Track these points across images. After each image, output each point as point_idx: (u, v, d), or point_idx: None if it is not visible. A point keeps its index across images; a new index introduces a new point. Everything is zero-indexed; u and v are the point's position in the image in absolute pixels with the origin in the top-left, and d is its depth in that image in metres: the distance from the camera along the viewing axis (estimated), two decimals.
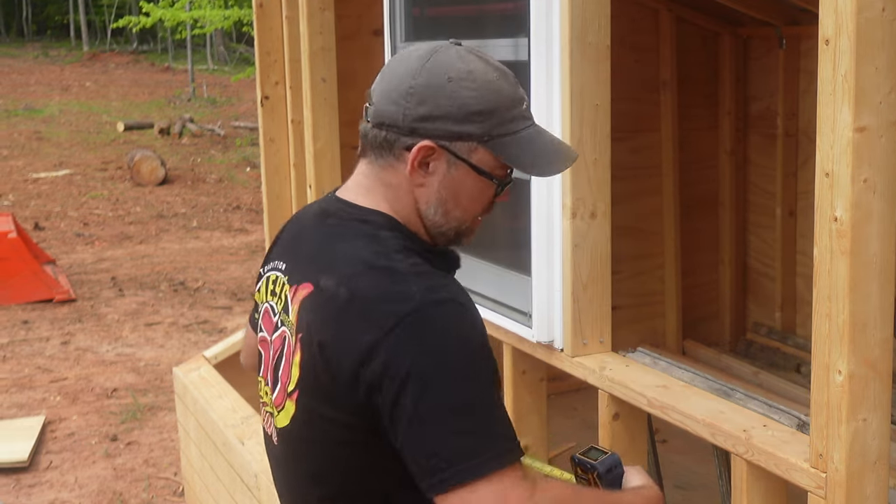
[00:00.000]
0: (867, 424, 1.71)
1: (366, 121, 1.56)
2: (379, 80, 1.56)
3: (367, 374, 1.39)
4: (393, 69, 1.55)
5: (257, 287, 1.76)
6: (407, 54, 1.56)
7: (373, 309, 1.42)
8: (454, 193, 1.54)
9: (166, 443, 5.59)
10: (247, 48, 32.64)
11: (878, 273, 1.69)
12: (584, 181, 2.42)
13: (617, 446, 2.35)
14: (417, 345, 1.38)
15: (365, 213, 1.55)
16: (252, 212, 12.21)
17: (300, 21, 3.86)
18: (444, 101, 1.49)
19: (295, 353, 1.51)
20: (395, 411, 1.38)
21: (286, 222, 1.80)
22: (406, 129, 1.50)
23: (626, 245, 4.00)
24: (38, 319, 8.00)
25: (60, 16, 43.28)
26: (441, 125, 1.49)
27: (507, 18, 2.67)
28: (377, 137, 1.54)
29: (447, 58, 1.51)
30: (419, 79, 1.49)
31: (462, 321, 1.43)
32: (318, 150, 3.86)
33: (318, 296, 1.49)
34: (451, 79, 1.49)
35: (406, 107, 1.50)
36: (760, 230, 4.27)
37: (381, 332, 1.39)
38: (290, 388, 1.52)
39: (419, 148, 1.50)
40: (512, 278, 2.67)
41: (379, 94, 1.53)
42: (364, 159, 1.58)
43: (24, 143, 17.16)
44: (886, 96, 1.64)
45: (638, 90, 4.05)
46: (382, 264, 1.47)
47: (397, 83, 1.51)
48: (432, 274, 1.47)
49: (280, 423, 1.57)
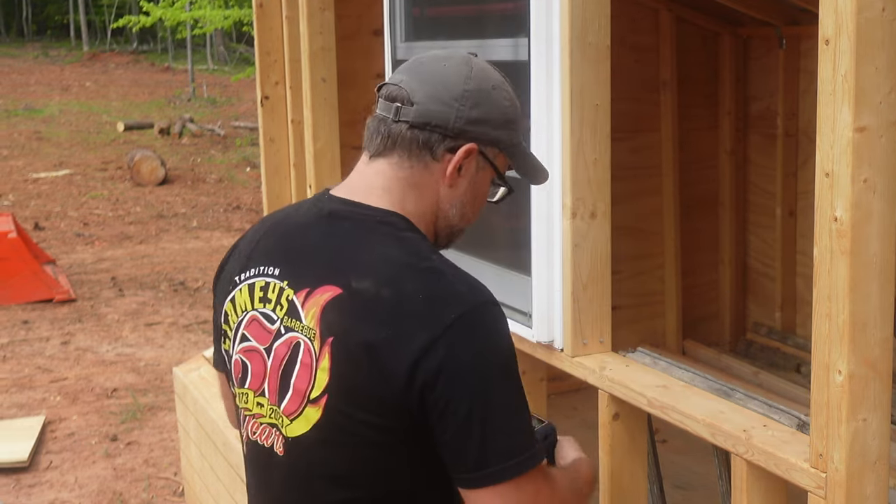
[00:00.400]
0: (867, 424, 1.71)
1: (396, 120, 1.55)
2: (416, 81, 1.55)
3: (422, 372, 1.41)
4: (435, 72, 1.56)
5: (227, 298, 1.67)
6: (441, 58, 1.58)
7: (426, 309, 1.44)
8: (474, 195, 1.62)
9: (166, 443, 5.59)
10: (247, 48, 32.64)
11: (878, 273, 1.69)
12: (584, 181, 2.42)
13: (617, 446, 2.35)
14: (473, 344, 1.43)
15: (382, 215, 1.55)
16: (252, 212, 12.21)
17: (300, 21, 3.86)
18: (492, 107, 1.57)
19: (321, 358, 1.48)
20: (449, 407, 1.42)
21: (255, 229, 1.73)
22: (455, 130, 1.54)
23: (626, 245, 4.00)
24: (38, 319, 8.00)
25: (60, 16, 43.29)
26: (484, 129, 1.56)
27: (507, 18, 2.67)
28: (416, 138, 1.54)
29: (484, 66, 1.59)
30: (471, 83, 1.55)
31: (505, 323, 1.50)
32: (318, 150, 3.86)
33: (351, 299, 1.47)
34: (494, 87, 1.58)
35: (460, 109, 1.53)
36: (760, 230, 4.27)
37: (438, 330, 1.41)
38: (313, 394, 1.49)
39: (466, 150, 1.55)
40: (512, 278, 2.67)
41: (427, 95, 1.54)
42: (382, 159, 1.57)
43: (24, 143, 17.16)
44: (886, 96, 1.64)
45: (638, 90, 4.05)
46: (425, 265, 1.50)
47: (449, 86, 1.54)
48: (466, 274, 1.52)
49: (293, 431, 1.53)
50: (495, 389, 1.44)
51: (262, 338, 1.58)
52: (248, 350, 1.61)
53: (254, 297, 1.61)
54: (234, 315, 1.65)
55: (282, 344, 1.54)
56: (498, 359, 1.46)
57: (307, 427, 1.50)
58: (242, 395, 1.63)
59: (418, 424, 1.45)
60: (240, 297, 1.64)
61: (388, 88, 1.58)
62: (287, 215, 1.68)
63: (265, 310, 1.58)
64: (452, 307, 1.44)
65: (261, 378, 1.58)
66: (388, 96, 1.57)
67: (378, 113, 1.59)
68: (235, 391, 1.66)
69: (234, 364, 1.65)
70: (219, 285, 1.74)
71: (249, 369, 1.61)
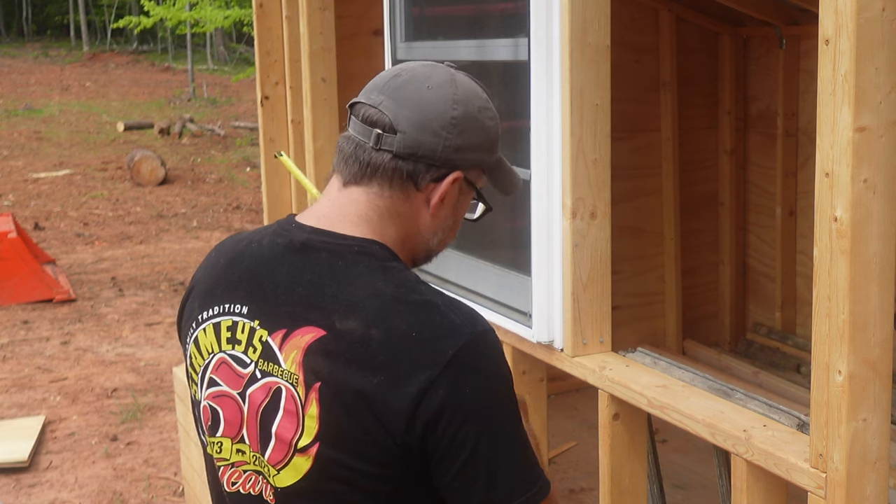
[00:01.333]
0: (867, 424, 1.71)
1: (377, 148, 1.43)
2: (399, 106, 1.43)
3: (423, 414, 1.33)
4: (420, 97, 1.44)
5: (190, 339, 1.53)
6: (422, 78, 1.46)
7: (422, 346, 1.35)
8: (455, 220, 1.53)
9: (166, 443, 5.59)
10: (247, 48, 32.66)
11: (878, 273, 1.69)
12: (584, 181, 2.42)
13: (617, 446, 2.35)
14: (473, 379, 1.36)
15: (361, 244, 1.44)
16: (252, 212, 12.21)
17: (300, 21, 3.86)
18: (477, 132, 1.47)
19: (307, 405, 1.37)
20: (452, 447, 1.35)
21: (212, 260, 1.58)
22: (440, 160, 1.44)
23: (626, 245, 4.01)
24: (38, 319, 8.00)
25: (60, 16, 43.31)
26: (471, 155, 1.47)
27: (507, 18, 2.67)
28: (400, 169, 1.43)
29: (469, 85, 1.48)
30: (458, 109, 1.44)
31: (501, 349, 1.43)
32: (318, 150, 3.86)
33: (336, 341, 1.37)
34: (480, 109, 1.47)
35: (447, 138, 1.43)
36: (760, 230, 4.27)
37: (437, 369, 1.34)
38: (301, 443, 1.39)
39: (453, 179, 1.46)
40: (512, 278, 2.67)
41: (412, 124, 1.42)
42: (358, 187, 1.46)
43: (24, 143, 17.16)
44: (886, 96, 1.64)
45: (638, 90, 4.06)
46: (415, 298, 1.39)
47: (436, 113, 1.43)
48: (458, 302, 1.44)
49: (282, 482, 1.42)
50: (498, 423, 1.38)
51: (233, 382, 1.46)
52: (219, 395, 1.48)
53: (220, 338, 1.48)
54: (198, 357, 1.51)
55: (258, 389, 1.43)
56: (499, 391, 1.40)
57: (297, 477, 1.41)
58: (215, 445, 1.50)
59: (418, 470, 1.38)
60: (204, 338, 1.50)
61: (365, 110, 1.45)
62: (249, 245, 1.53)
63: (234, 352, 1.46)
64: (449, 342, 1.36)
65: (237, 426, 1.46)
66: (367, 119, 1.45)
67: (352, 135, 1.47)
68: (206, 440, 1.53)
69: (203, 411, 1.51)
70: (182, 323, 1.59)
71: (222, 416, 1.48)
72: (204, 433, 1.54)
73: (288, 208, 4.41)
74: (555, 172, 2.45)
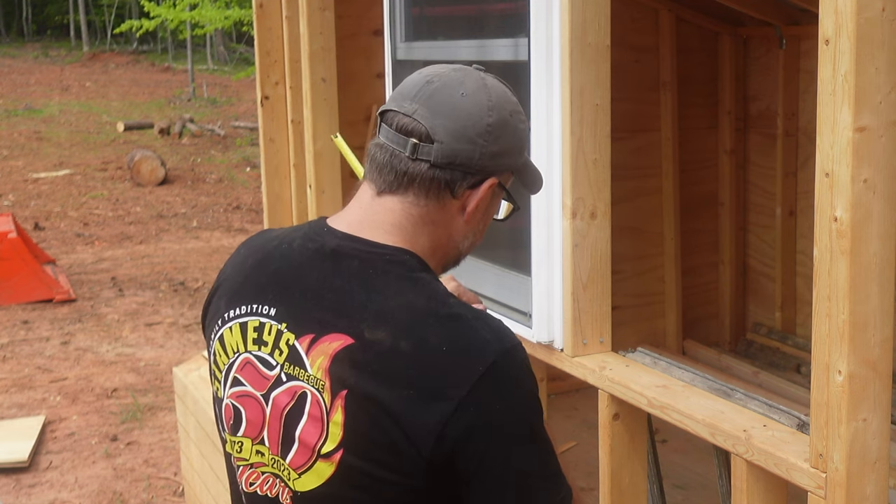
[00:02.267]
0: (867, 424, 1.71)
1: (413, 158, 1.42)
2: (435, 115, 1.42)
3: (453, 431, 1.32)
4: (455, 105, 1.43)
5: (216, 336, 1.53)
6: (455, 84, 1.44)
7: (452, 362, 1.34)
8: (486, 222, 1.53)
9: (166, 443, 5.59)
10: (247, 48, 32.66)
11: (878, 273, 1.69)
12: (584, 181, 2.42)
13: (617, 446, 2.35)
14: (503, 397, 1.36)
15: (392, 253, 1.43)
16: (252, 212, 12.21)
17: (300, 21, 3.86)
18: (511, 136, 1.47)
19: (333, 411, 1.37)
20: (483, 466, 1.35)
21: (240, 258, 1.58)
22: (476, 167, 1.44)
23: (626, 245, 4.01)
24: (38, 319, 8.00)
25: (60, 16, 43.33)
26: (505, 160, 1.47)
27: (507, 18, 2.67)
28: (438, 178, 1.43)
29: (500, 89, 1.48)
30: (493, 116, 1.44)
31: (529, 366, 1.43)
32: (318, 150, 3.86)
33: (364, 350, 1.36)
34: (512, 113, 1.47)
35: (483, 145, 1.43)
36: (760, 230, 4.27)
37: (467, 386, 1.33)
38: (325, 449, 1.38)
39: (490, 186, 1.46)
40: (512, 278, 2.67)
41: (449, 132, 1.41)
42: (393, 196, 1.44)
43: (24, 143, 17.17)
44: (886, 96, 1.64)
45: (638, 90, 4.06)
46: (445, 312, 1.38)
47: (472, 121, 1.42)
48: (487, 316, 1.43)
49: (303, 486, 1.42)
50: (527, 440, 1.38)
51: (258, 383, 1.46)
52: (242, 395, 1.49)
53: (247, 338, 1.48)
54: (223, 355, 1.52)
55: (283, 393, 1.43)
56: (528, 407, 1.39)
57: (319, 482, 1.40)
58: (235, 444, 1.51)
59: (442, 482, 1.37)
60: (230, 337, 1.50)
61: (399, 119, 1.43)
62: (279, 246, 1.52)
63: (260, 353, 1.46)
64: (480, 359, 1.34)
65: (258, 426, 1.46)
66: (402, 129, 1.43)
67: (385, 143, 1.45)
68: (226, 437, 1.54)
69: (225, 409, 1.52)
70: (207, 318, 1.60)
71: (244, 416, 1.48)
72: (224, 431, 1.54)
73: (288, 208, 4.41)
74: (555, 172, 2.45)
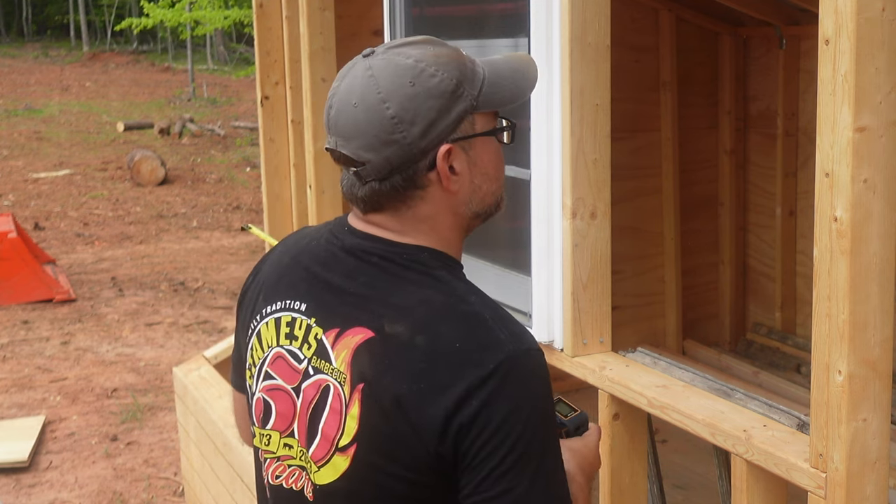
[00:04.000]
0: (867, 424, 1.71)
1: (364, 183, 1.43)
2: (348, 140, 1.41)
3: (456, 424, 1.34)
4: (355, 120, 1.40)
5: (253, 331, 1.57)
6: (345, 99, 1.41)
7: (463, 358, 1.36)
8: (483, 172, 1.48)
9: (166, 443, 5.59)
10: (247, 48, 32.66)
11: (878, 273, 1.69)
12: (584, 181, 2.42)
13: (617, 446, 2.35)
14: (511, 394, 1.36)
15: (410, 251, 1.45)
16: (252, 212, 12.21)
17: (300, 21, 3.86)
18: (425, 102, 1.39)
19: (350, 404, 1.39)
20: (478, 458, 1.35)
21: (278, 254, 1.62)
22: (415, 155, 1.41)
23: (626, 245, 4.00)
24: (38, 319, 8.00)
25: (60, 16, 43.32)
26: (441, 125, 1.41)
27: (507, 18, 2.67)
28: (394, 186, 1.42)
29: (387, 66, 1.41)
30: (391, 105, 1.38)
31: (545, 370, 1.42)
32: (318, 150, 3.86)
33: (383, 344, 1.39)
34: (411, 82, 1.39)
35: (403, 136, 1.39)
36: (760, 230, 4.27)
37: (475, 381, 1.34)
38: (342, 443, 1.40)
39: (443, 157, 1.41)
40: (512, 278, 2.67)
41: (367, 148, 1.40)
42: (377, 214, 1.46)
43: (24, 143, 17.17)
44: (886, 96, 1.64)
45: (638, 90, 4.06)
46: (463, 309, 1.41)
47: (374, 126, 1.39)
48: (508, 317, 1.44)
49: (322, 479, 1.44)
50: (529, 442, 1.37)
51: (288, 377, 1.49)
52: (273, 389, 1.51)
53: (280, 333, 1.51)
54: (258, 350, 1.55)
55: (310, 385, 1.45)
56: (536, 411, 1.38)
57: (335, 476, 1.42)
58: (264, 437, 1.53)
59: (450, 480, 1.38)
60: (266, 332, 1.54)
61: (333, 154, 1.46)
62: (309, 243, 1.56)
63: (291, 347, 1.49)
64: (491, 356, 1.35)
65: (288, 419, 1.49)
66: (340, 161, 1.46)
67: (345, 176, 1.48)
68: (255, 431, 1.56)
69: (256, 402, 1.55)
70: (242, 311, 1.64)
71: (274, 409, 1.51)
72: (254, 424, 1.57)
73: (288, 208, 4.42)
74: (555, 172, 2.45)
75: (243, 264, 9.76)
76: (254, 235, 9.75)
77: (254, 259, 9.85)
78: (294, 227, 4.33)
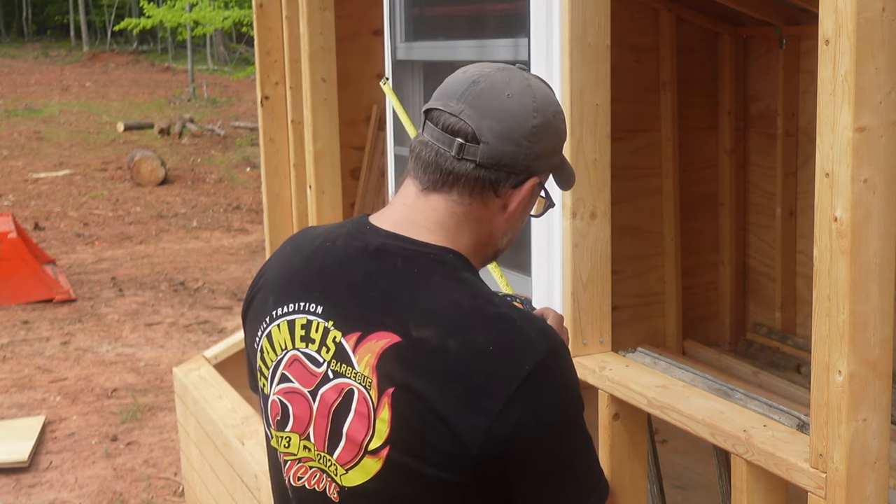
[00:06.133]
0: (867, 424, 1.71)
1: (459, 158, 1.44)
2: (481, 116, 1.44)
3: (500, 429, 1.34)
4: (502, 107, 1.45)
5: (263, 334, 1.55)
6: (501, 85, 1.47)
7: (499, 361, 1.36)
8: (524, 218, 1.56)
9: (166, 443, 5.59)
10: (247, 48, 32.67)
11: (878, 273, 1.69)
12: (584, 181, 2.42)
13: (617, 446, 2.35)
14: (549, 394, 1.38)
15: (436, 252, 1.45)
16: (252, 212, 12.22)
17: (300, 21, 3.86)
18: (554, 136, 1.51)
19: (380, 408, 1.38)
20: (529, 461, 1.37)
21: (284, 256, 1.60)
22: (520, 167, 1.47)
23: (626, 245, 4.00)
24: (38, 319, 8.01)
25: (60, 16, 43.32)
26: (546, 160, 1.51)
27: (507, 18, 2.67)
28: (483, 178, 1.45)
29: (544, 90, 1.52)
30: (538, 118, 1.47)
31: (572, 364, 1.46)
32: (318, 150, 3.86)
33: (412, 349, 1.38)
34: (554, 114, 1.51)
35: (528, 147, 1.46)
36: (760, 230, 4.27)
37: (514, 384, 1.35)
38: (372, 445, 1.40)
39: (532, 185, 1.50)
40: (512, 278, 2.67)
41: (495, 134, 1.44)
42: (438, 194, 1.47)
43: (24, 143, 17.17)
44: (886, 96, 1.64)
45: (638, 90, 4.06)
46: (491, 311, 1.40)
47: (518, 123, 1.45)
48: (532, 315, 1.46)
49: (350, 481, 1.43)
50: (571, 437, 1.41)
51: (305, 380, 1.48)
52: (290, 392, 1.50)
53: (294, 336, 1.50)
54: (270, 353, 1.54)
55: (330, 389, 1.44)
56: (572, 403, 1.42)
57: (366, 477, 1.42)
58: (282, 439, 1.53)
59: (489, 479, 1.39)
60: (278, 334, 1.52)
61: (446, 118, 1.46)
62: (324, 244, 1.54)
63: (308, 350, 1.48)
64: (526, 357, 1.37)
65: (305, 422, 1.48)
66: (448, 128, 1.45)
67: (430, 141, 1.47)
68: (272, 433, 1.56)
69: (272, 405, 1.54)
70: (250, 315, 1.62)
71: (291, 412, 1.50)
72: (270, 426, 1.56)
73: (288, 208, 4.41)
74: None
75: (243, 264, 9.76)
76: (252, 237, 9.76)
77: (254, 259, 9.85)
78: (294, 228, 4.33)
